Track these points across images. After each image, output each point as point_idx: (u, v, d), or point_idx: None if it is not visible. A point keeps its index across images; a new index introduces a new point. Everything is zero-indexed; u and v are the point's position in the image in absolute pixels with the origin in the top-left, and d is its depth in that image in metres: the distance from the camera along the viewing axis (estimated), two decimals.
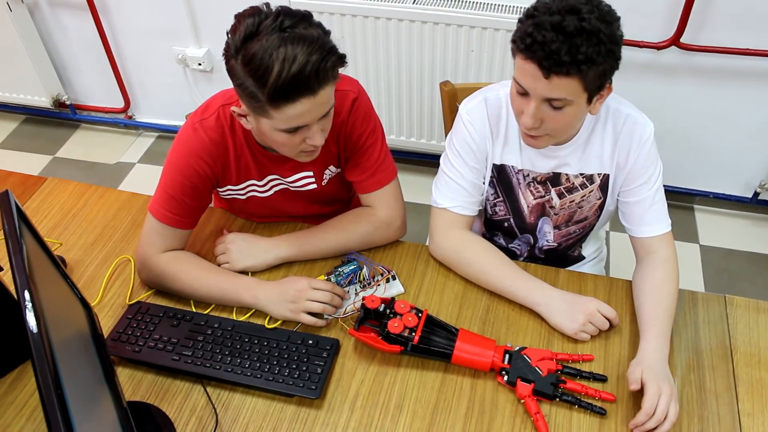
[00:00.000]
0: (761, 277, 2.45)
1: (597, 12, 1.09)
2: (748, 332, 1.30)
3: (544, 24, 1.09)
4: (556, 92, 1.14)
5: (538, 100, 1.17)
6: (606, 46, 1.10)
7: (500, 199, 1.47)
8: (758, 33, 2.11)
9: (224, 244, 1.43)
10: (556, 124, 1.22)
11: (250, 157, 1.37)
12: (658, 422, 1.09)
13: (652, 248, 1.34)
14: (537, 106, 1.18)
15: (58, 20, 2.83)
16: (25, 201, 1.62)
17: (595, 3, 1.11)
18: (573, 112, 1.19)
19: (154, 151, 3.13)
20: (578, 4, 1.10)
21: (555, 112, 1.19)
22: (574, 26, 1.08)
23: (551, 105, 1.17)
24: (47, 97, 3.01)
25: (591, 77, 1.13)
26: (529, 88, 1.16)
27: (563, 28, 1.08)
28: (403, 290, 1.38)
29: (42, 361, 0.72)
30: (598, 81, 1.15)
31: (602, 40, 1.09)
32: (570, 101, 1.16)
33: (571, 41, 1.08)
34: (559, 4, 1.10)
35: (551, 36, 1.08)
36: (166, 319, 1.30)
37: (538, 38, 1.09)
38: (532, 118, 1.20)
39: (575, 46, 1.08)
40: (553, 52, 1.09)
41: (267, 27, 1.08)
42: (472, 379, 1.22)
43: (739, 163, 2.51)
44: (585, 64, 1.10)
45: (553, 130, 1.24)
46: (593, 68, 1.11)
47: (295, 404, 1.20)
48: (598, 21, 1.08)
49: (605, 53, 1.11)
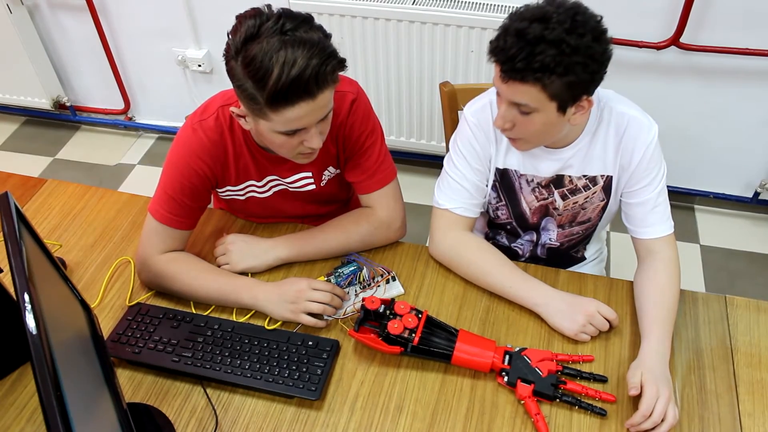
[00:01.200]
0: (762, 276, 2.44)
1: (569, 22, 1.09)
2: (749, 332, 1.30)
3: (509, 29, 1.11)
4: (517, 97, 1.16)
5: (505, 102, 1.20)
6: (570, 58, 1.09)
7: (502, 203, 1.47)
8: (758, 33, 2.11)
9: (224, 245, 1.43)
10: (526, 129, 1.24)
11: (249, 157, 1.37)
12: (655, 424, 1.09)
13: (654, 250, 1.34)
14: (505, 108, 1.21)
15: (58, 22, 2.84)
16: (25, 203, 1.62)
17: (572, 13, 1.10)
18: (541, 120, 1.20)
19: (154, 153, 3.13)
20: (551, 12, 1.10)
21: (523, 117, 1.20)
22: (534, 34, 1.08)
23: (519, 110, 1.19)
24: (47, 99, 3.01)
25: (555, 87, 1.13)
26: (499, 89, 1.19)
27: (524, 35, 1.09)
28: (403, 291, 1.38)
29: (41, 363, 0.72)
30: (567, 92, 1.15)
31: (564, 51, 1.09)
32: (534, 108, 1.17)
33: (529, 48, 1.09)
34: (533, 12, 1.11)
35: (511, 41, 1.10)
36: (166, 321, 1.30)
37: (500, 43, 1.12)
38: (501, 119, 1.23)
39: (531, 54, 1.09)
40: (509, 58, 1.11)
41: (268, 29, 1.08)
42: (472, 380, 1.22)
43: (740, 163, 2.51)
44: (540, 72, 1.10)
45: (525, 135, 1.26)
46: (554, 78, 1.11)
47: (295, 405, 1.20)
48: (564, 32, 1.08)
49: (567, 64, 1.10)
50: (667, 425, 1.09)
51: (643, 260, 1.36)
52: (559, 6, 1.11)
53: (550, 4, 1.12)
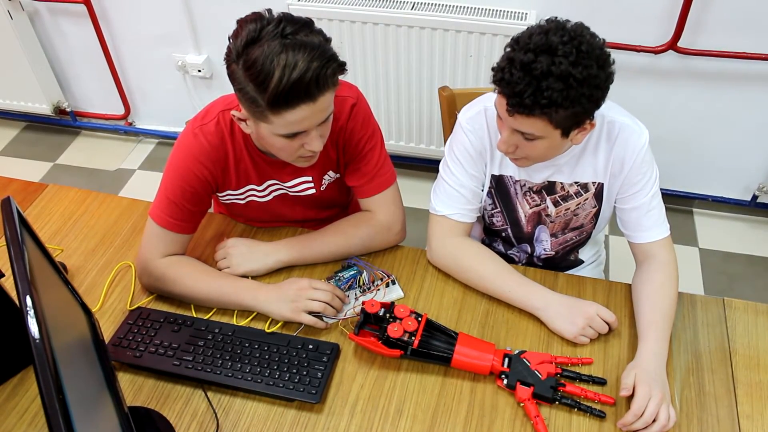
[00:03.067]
0: (760, 279, 2.45)
1: (574, 54, 1.08)
2: (747, 335, 1.30)
3: (515, 62, 1.10)
4: (523, 128, 1.16)
5: (509, 129, 1.20)
6: (576, 90, 1.09)
7: (498, 210, 1.48)
8: (755, 36, 2.12)
9: (225, 249, 1.43)
10: (530, 152, 1.24)
11: (249, 162, 1.38)
12: (645, 424, 1.10)
13: (651, 253, 1.34)
14: (509, 134, 1.21)
15: (58, 27, 2.84)
16: (27, 208, 1.63)
17: (577, 43, 1.09)
18: (546, 145, 1.21)
19: (154, 158, 3.14)
20: (557, 44, 1.08)
21: (527, 143, 1.21)
22: (541, 70, 1.07)
23: (524, 136, 1.19)
24: (48, 104, 3.02)
25: (560, 118, 1.13)
26: (503, 116, 1.19)
27: (531, 70, 1.08)
28: (403, 295, 1.39)
29: (44, 367, 0.73)
30: (571, 120, 1.16)
31: (571, 85, 1.08)
32: (540, 136, 1.17)
33: (537, 84, 1.08)
34: (537, 42, 1.09)
35: (518, 76, 1.09)
36: (166, 325, 1.31)
37: (506, 76, 1.11)
38: (504, 144, 1.23)
39: (540, 90, 1.08)
40: (516, 94, 1.10)
41: (269, 33, 1.09)
42: (472, 383, 1.23)
43: (738, 167, 2.52)
44: (548, 107, 1.10)
45: (528, 156, 1.26)
46: (560, 111, 1.11)
47: (295, 409, 1.20)
48: (571, 65, 1.08)
49: (574, 97, 1.10)
50: (659, 426, 1.10)
51: (640, 264, 1.36)
52: (563, 34, 1.09)
53: (555, 33, 1.10)
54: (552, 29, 1.11)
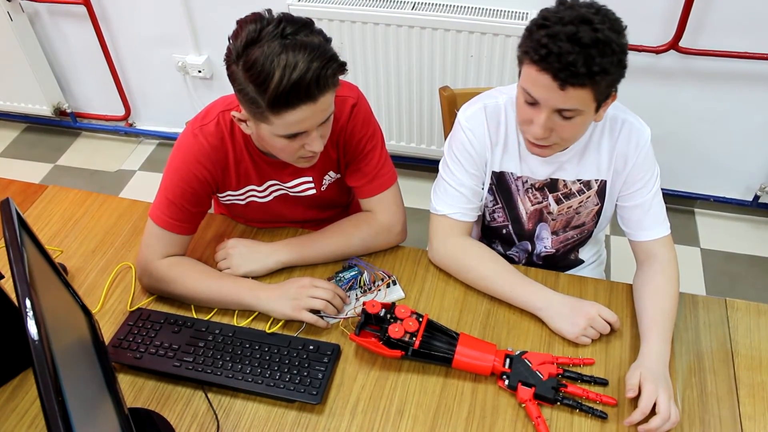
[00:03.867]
0: (762, 280, 2.44)
1: (608, 22, 1.09)
2: (749, 335, 1.30)
3: (558, 35, 1.08)
4: (569, 103, 1.14)
5: (549, 110, 1.17)
6: (618, 56, 1.10)
7: (499, 206, 1.47)
8: (757, 36, 2.12)
9: (225, 250, 1.43)
10: (566, 133, 1.22)
11: (249, 162, 1.37)
12: (664, 421, 1.09)
13: (652, 252, 1.34)
14: (548, 117, 1.17)
15: (58, 29, 2.84)
16: (26, 209, 1.62)
17: (604, 12, 1.11)
18: (582, 121, 1.19)
19: (154, 159, 3.14)
20: (589, 14, 1.09)
21: (565, 122, 1.18)
22: (590, 37, 1.07)
23: (562, 115, 1.17)
24: (48, 106, 3.02)
25: (602, 87, 1.13)
26: (541, 99, 1.15)
27: (579, 39, 1.07)
28: (404, 295, 1.39)
29: (43, 369, 0.72)
30: (607, 90, 1.15)
31: (614, 50, 1.09)
32: (581, 111, 1.16)
33: (586, 52, 1.07)
34: (570, 14, 1.09)
35: (567, 47, 1.07)
36: (167, 326, 1.30)
37: (553, 49, 1.08)
38: (543, 128, 1.19)
39: (590, 57, 1.07)
40: (569, 64, 1.08)
41: (269, 33, 1.09)
42: (473, 384, 1.22)
43: (739, 167, 2.51)
44: (599, 75, 1.09)
45: (561, 140, 1.24)
46: (606, 78, 1.11)
47: (296, 410, 1.20)
48: (610, 31, 1.08)
49: (617, 63, 1.11)
50: (669, 424, 1.09)
51: (641, 263, 1.36)
52: (588, 7, 1.11)
53: (580, 7, 1.11)
54: (575, 5, 1.12)
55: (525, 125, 1.24)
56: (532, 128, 1.20)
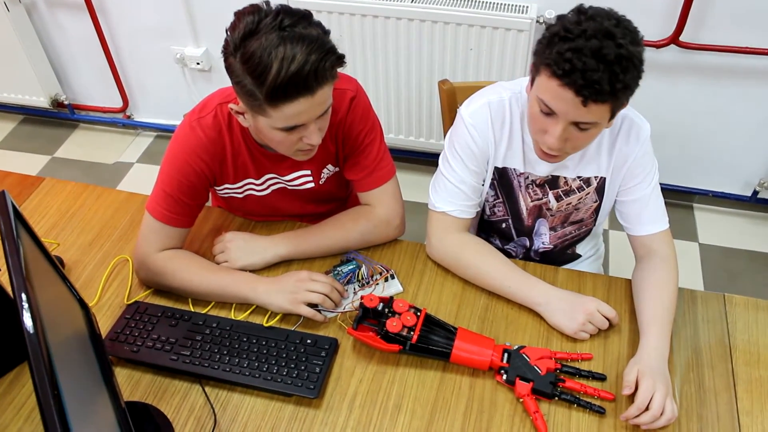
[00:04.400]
0: (760, 275, 2.44)
1: (630, 36, 1.07)
2: (747, 331, 1.30)
3: (583, 50, 1.05)
4: (589, 117, 1.12)
5: (566, 122, 1.15)
6: (638, 70, 1.09)
7: (500, 201, 1.47)
8: (758, 31, 2.11)
9: (223, 243, 1.43)
10: (580, 143, 1.21)
11: (247, 155, 1.37)
12: (655, 417, 1.09)
13: (651, 247, 1.34)
14: (564, 128, 1.16)
15: (55, 20, 2.83)
16: (23, 201, 1.62)
17: (625, 25, 1.09)
18: (597, 132, 1.19)
19: (152, 151, 3.13)
20: (611, 27, 1.06)
21: (580, 133, 1.17)
22: (614, 53, 1.05)
23: (578, 127, 1.15)
24: (45, 97, 3.01)
25: (623, 101, 1.13)
26: (560, 112, 1.14)
27: (604, 56, 1.05)
28: (402, 289, 1.38)
29: (38, 362, 0.72)
30: (625, 102, 1.15)
31: (636, 65, 1.08)
32: (598, 123, 1.15)
33: (611, 69, 1.06)
34: (593, 27, 1.06)
35: (592, 64, 1.05)
36: (164, 319, 1.30)
37: (578, 65, 1.06)
38: (559, 140, 1.17)
39: (615, 75, 1.06)
40: (594, 82, 1.06)
41: (267, 25, 1.08)
42: (471, 378, 1.22)
43: (739, 162, 2.51)
44: (621, 91, 1.09)
45: (574, 149, 1.23)
46: (627, 93, 1.11)
47: (293, 404, 1.19)
48: (632, 45, 1.07)
49: (637, 77, 1.10)
50: (665, 419, 1.09)
51: (640, 258, 1.36)
52: (608, 17, 1.08)
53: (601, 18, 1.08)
54: (595, 15, 1.09)
55: (539, 135, 1.22)
56: (547, 139, 1.19)
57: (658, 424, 1.10)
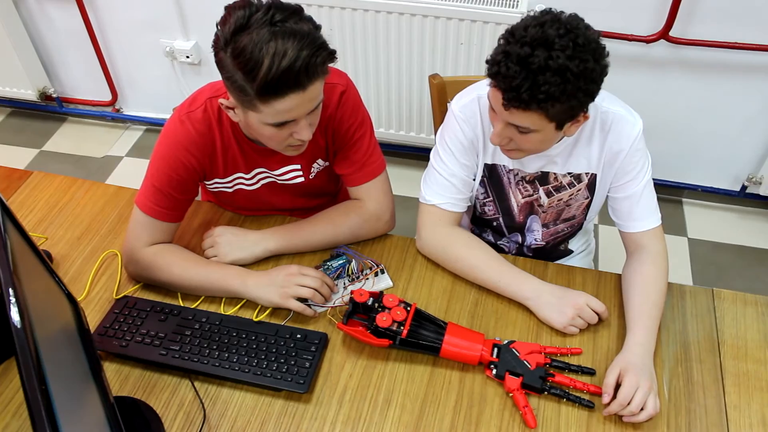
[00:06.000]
0: (749, 270, 2.46)
1: (571, 48, 1.06)
2: (736, 325, 1.31)
3: (511, 55, 1.08)
4: (518, 121, 1.15)
5: (503, 122, 1.19)
6: (573, 85, 1.08)
7: (490, 199, 1.47)
8: (747, 27, 2.12)
9: (212, 238, 1.42)
10: (525, 145, 1.23)
11: (237, 150, 1.36)
12: (631, 413, 1.10)
13: (642, 243, 1.34)
14: (502, 128, 1.20)
15: (44, 12, 2.81)
16: (11, 195, 1.60)
17: (573, 36, 1.07)
18: (540, 137, 1.20)
19: (142, 145, 3.11)
20: (553, 37, 1.06)
21: (521, 135, 1.19)
22: (539, 64, 1.06)
23: (518, 129, 1.18)
24: (33, 90, 2.99)
25: (555, 111, 1.12)
26: (497, 109, 1.17)
27: (528, 64, 1.06)
28: (392, 284, 1.38)
29: (26, 357, 0.72)
30: (566, 114, 1.15)
31: (568, 79, 1.07)
32: (534, 129, 1.16)
33: (533, 78, 1.06)
34: (534, 34, 1.07)
35: (515, 70, 1.07)
36: (153, 314, 1.30)
37: (502, 69, 1.09)
38: (498, 137, 1.22)
39: (537, 84, 1.07)
40: (513, 88, 1.08)
41: (257, 20, 1.07)
42: (461, 373, 1.22)
43: (728, 157, 2.52)
44: (545, 102, 1.09)
45: (521, 148, 1.25)
46: (556, 105, 1.10)
47: (283, 398, 1.19)
48: (567, 59, 1.06)
49: (571, 91, 1.09)
50: (645, 414, 1.10)
51: (631, 254, 1.36)
52: (559, 27, 1.07)
53: (551, 26, 1.08)
54: (548, 21, 1.09)
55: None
56: (491, 135, 1.23)
57: (638, 419, 1.11)
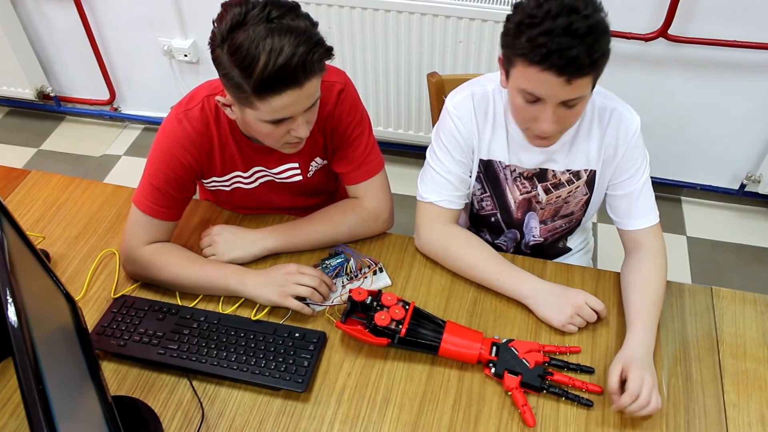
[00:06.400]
0: (747, 268, 2.46)
1: (591, 5, 1.08)
2: (734, 324, 1.30)
3: (554, 30, 1.06)
4: (575, 93, 1.13)
5: (554, 105, 1.15)
6: (608, 36, 1.10)
7: (487, 195, 1.47)
8: (746, 25, 2.12)
9: (210, 236, 1.42)
10: (570, 120, 1.22)
11: (235, 148, 1.36)
12: (641, 407, 1.10)
13: (640, 241, 1.34)
14: (554, 110, 1.16)
15: (41, 11, 2.80)
16: (8, 194, 1.60)
17: None
18: (584, 105, 1.19)
19: (140, 144, 3.11)
20: (572, 2, 1.07)
21: (569, 110, 1.17)
22: (585, 26, 1.05)
23: (566, 105, 1.16)
24: (31, 89, 2.98)
25: (602, 69, 1.13)
26: (547, 96, 1.14)
27: (575, 31, 1.05)
28: (390, 282, 1.38)
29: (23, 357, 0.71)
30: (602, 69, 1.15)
31: (606, 31, 1.09)
32: (584, 96, 1.16)
33: (585, 42, 1.06)
34: (555, 6, 1.07)
35: (567, 41, 1.05)
36: (151, 313, 1.29)
37: (553, 47, 1.06)
38: (553, 124, 1.18)
39: (590, 47, 1.07)
40: (574, 59, 1.06)
41: (254, 17, 1.07)
42: (460, 372, 1.22)
43: (726, 155, 2.52)
44: (600, 60, 1.09)
45: (563, 128, 1.24)
46: (605, 60, 1.11)
47: (281, 397, 1.19)
48: (595, 14, 1.07)
49: (609, 42, 1.11)
50: (650, 408, 1.10)
51: (629, 252, 1.36)
52: None
53: None
54: None
55: (529, 123, 1.22)
56: (542, 125, 1.18)
57: (645, 411, 1.10)
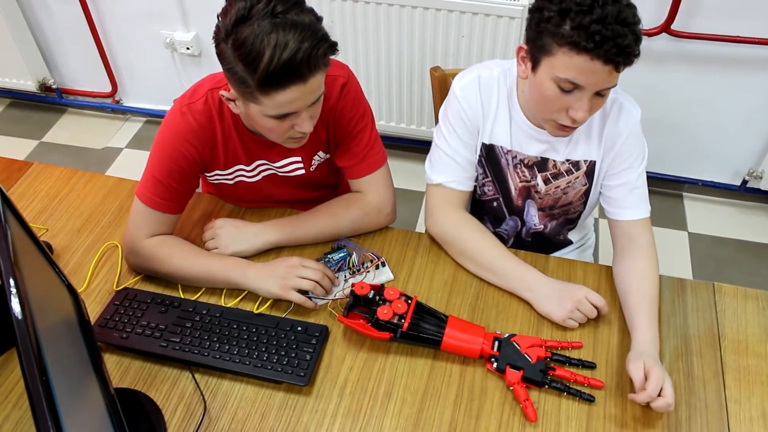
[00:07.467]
0: (749, 264, 2.46)
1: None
2: (736, 319, 1.31)
3: (606, 18, 1.06)
4: (614, 81, 1.14)
5: (591, 93, 1.15)
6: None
7: (489, 179, 1.47)
8: (749, 20, 2.11)
9: (213, 230, 1.42)
10: (598, 108, 1.23)
11: (238, 141, 1.36)
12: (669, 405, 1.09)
13: (631, 234, 1.34)
14: (589, 98, 1.16)
15: (43, 3, 2.79)
16: (11, 186, 1.60)
17: None
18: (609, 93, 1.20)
19: (142, 136, 3.11)
20: None
21: (600, 99, 1.18)
22: (631, 15, 1.07)
23: (599, 94, 1.16)
24: (33, 81, 2.98)
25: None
26: (588, 84, 1.13)
27: (625, 20, 1.07)
28: (393, 277, 1.38)
29: (27, 348, 0.71)
30: None
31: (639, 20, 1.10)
32: (614, 84, 1.16)
33: (633, 31, 1.08)
34: None
35: (620, 30, 1.06)
36: (153, 306, 1.29)
37: (608, 34, 1.06)
38: (588, 112, 1.18)
39: (638, 35, 1.08)
40: (626, 47, 1.07)
41: (259, 11, 1.07)
42: (462, 366, 1.22)
43: (728, 151, 2.52)
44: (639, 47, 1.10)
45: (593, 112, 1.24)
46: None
47: (283, 391, 1.19)
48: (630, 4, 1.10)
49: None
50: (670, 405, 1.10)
51: (621, 247, 1.35)
52: None
53: None
54: None
55: (558, 113, 1.21)
56: (577, 113, 1.17)
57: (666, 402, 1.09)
